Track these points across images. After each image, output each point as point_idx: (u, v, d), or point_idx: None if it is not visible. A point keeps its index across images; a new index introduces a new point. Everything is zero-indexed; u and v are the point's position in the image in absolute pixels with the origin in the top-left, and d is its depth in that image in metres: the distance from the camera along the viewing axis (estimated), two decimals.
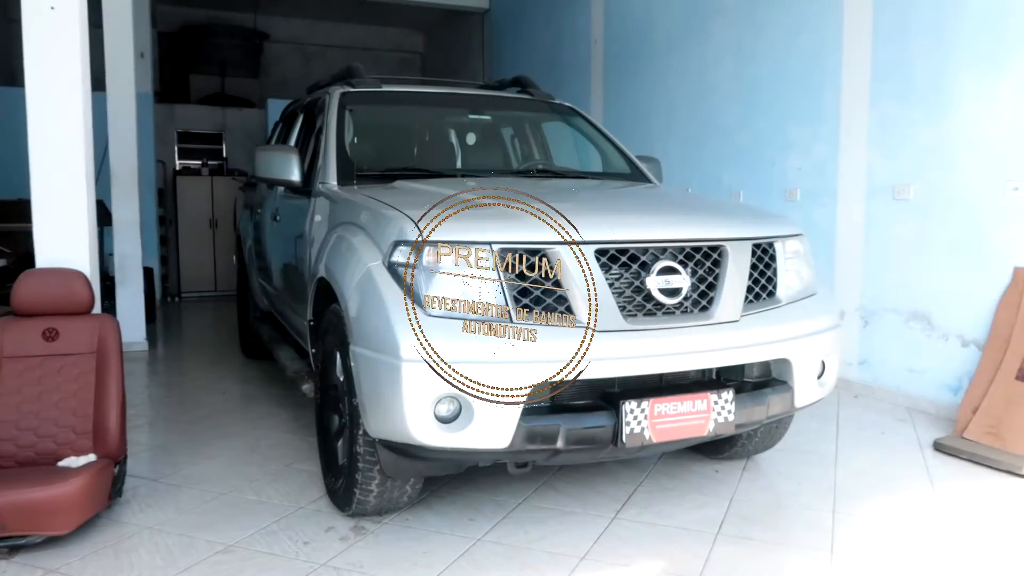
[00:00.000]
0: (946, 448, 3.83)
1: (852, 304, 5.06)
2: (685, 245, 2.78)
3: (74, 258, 3.33)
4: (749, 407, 2.81)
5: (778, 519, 3.03)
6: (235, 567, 2.60)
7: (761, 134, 5.83)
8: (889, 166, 4.78)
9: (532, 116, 4.65)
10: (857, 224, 5.01)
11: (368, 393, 2.59)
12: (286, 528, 2.92)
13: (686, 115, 6.69)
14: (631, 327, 2.62)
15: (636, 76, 7.41)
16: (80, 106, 3.31)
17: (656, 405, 2.61)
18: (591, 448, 2.61)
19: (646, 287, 2.67)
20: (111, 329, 3.24)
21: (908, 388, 4.70)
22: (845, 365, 5.11)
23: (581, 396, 2.67)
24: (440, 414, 2.49)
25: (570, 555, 2.70)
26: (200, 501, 3.19)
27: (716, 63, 6.29)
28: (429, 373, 2.44)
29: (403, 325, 2.49)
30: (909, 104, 4.63)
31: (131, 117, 6.33)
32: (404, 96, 4.16)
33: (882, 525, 2.97)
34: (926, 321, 4.57)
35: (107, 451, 3.10)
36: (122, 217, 6.38)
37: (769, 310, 2.94)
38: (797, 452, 3.83)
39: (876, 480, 3.45)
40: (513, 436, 2.49)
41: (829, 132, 5.21)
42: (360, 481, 2.82)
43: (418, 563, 2.63)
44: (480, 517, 3.02)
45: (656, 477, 3.47)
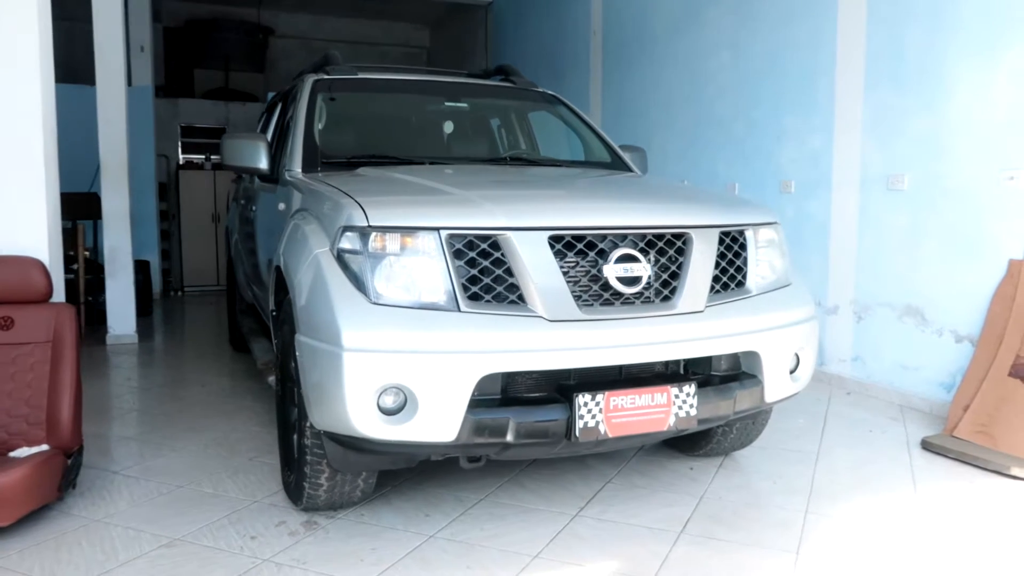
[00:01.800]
0: (934, 447, 3.69)
1: (846, 298, 4.92)
2: (646, 232, 2.67)
3: (33, 246, 3.27)
4: (714, 401, 2.70)
5: (747, 519, 2.91)
6: (175, 562, 2.53)
7: (756, 125, 5.69)
8: (883, 156, 4.63)
9: (514, 105, 4.55)
10: (851, 216, 4.86)
11: (311, 384, 2.50)
12: (237, 522, 2.85)
13: (683, 107, 6.56)
14: (586, 317, 2.52)
15: (634, 68, 7.29)
16: (38, 94, 3.25)
17: (612, 398, 2.51)
18: (544, 443, 2.51)
19: (603, 275, 2.56)
20: (68, 319, 3.18)
21: (901, 385, 4.54)
22: (838, 361, 4.98)
23: (537, 388, 2.57)
24: (384, 406, 2.40)
25: (523, 554, 2.60)
26: (155, 494, 3.13)
27: (712, 53, 6.15)
28: (372, 363, 2.35)
29: (345, 313, 2.40)
30: (903, 92, 4.47)
31: (121, 110, 6.29)
32: (378, 83, 4.08)
33: (855, 527, 2.84)
34: (920, 316, 4.42)
35: (60, 442, 3.04)
36: (112, 209, 6.36)
37: (737, 301, 2.82)
38: (778, 449, 3.71)
39: (856, 480, 3.32)
40: (460, 429, 2.39)
41: (824, 122, 5.06)
42: (309, 475, 2.74)
43: (364, 559, 2.55)
44: (437, 513, 2.93)
45: (628, 474, 3.36)
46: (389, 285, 2.45)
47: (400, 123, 4.17)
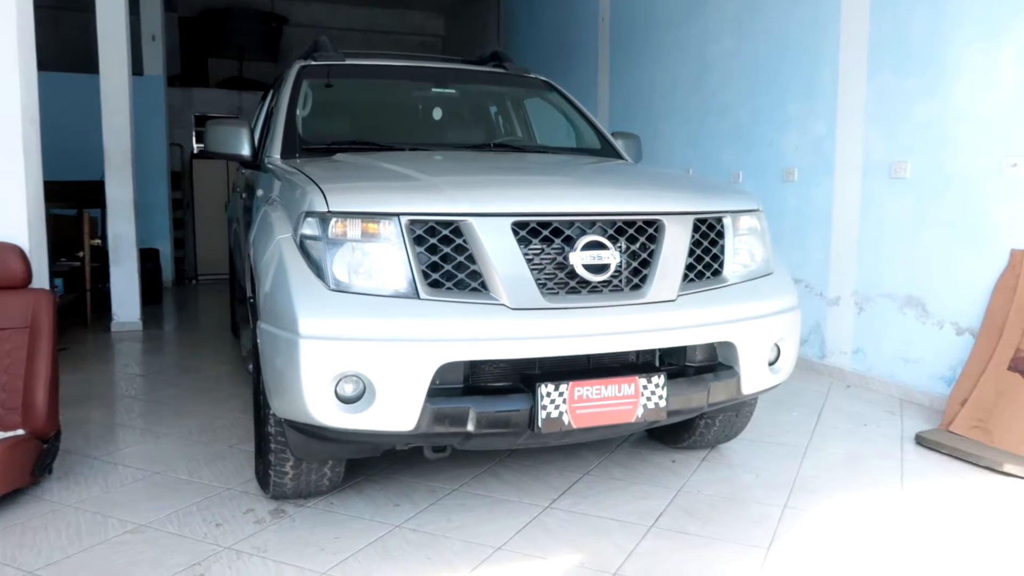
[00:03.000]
0: (928, 442, 3.58)
1: (847, 289, 4.80)
2: (616, 219, 2.60)
3: (12, 232, 3.28)
4: (685, 393, 2.63)
5: (722, 513, 2.84)
6: (136, 548, 2.52)
7: (760, 112, 5.56)
8: (886, 143, 4.50)
9: (506, 91, 4.48)
10: (853, 204, 4.74)
11: (271, 371, 2.48)
12: (205, 509, 2.84)
13: (687, 94, 6.44)
14: (551, 305, 2.46)
15: (640, 54, 7.17)
16: (16, 81, 3.26)
17: (577, 388, 2.45)
18: (508, 433, 2.46)
19: (570, 263, 2.50)
20: (45, 305, 3.19)
21: (902, 378, 4.43)
22: (839, 354, 4.87)
23: (502, 378, 2.53)
24: (342, 394, 2.36)
25: (486, 545, 2.56)
26: (130, 480, 3.13)
27: (716, 39, 6.03)
28: (328, 351, 2.32)
29: (303, 300, 2.37)
30: (907, 77, 4.34)
31: (124, 99, 6.31)
32: (364, 69, 4.03)
33: (832, 523, 2.76)
34: (921, 307, 4.29)
35: (35, 427, 3.05)
36: (115, 198, 6.39)
37: (712, 290, 2.74)
38: (767, 443, 3.63)
39: (842, 475, 3.23)
40: (419, 418, 2.35)
41: (827, 108, 4.93)
42: (274, 463, 2.72)
43: (325, 549, 2.52)
44: (407, 503, 2.90)
45: (608, 466, 3.31)
46: (348, 272, 2.41)
47: (386, 109, 4.13)
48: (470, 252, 2.44)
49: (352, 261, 2.42)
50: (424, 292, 2.40)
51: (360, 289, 2.40)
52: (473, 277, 2.44)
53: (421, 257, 2.43)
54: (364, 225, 2.44)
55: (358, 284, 2.40)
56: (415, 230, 2.43)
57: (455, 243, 2.44)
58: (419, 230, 2.43)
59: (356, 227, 2.44)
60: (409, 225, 2.42)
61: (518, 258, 2.45)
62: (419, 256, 2.42)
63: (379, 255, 2.42)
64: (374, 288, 2.40)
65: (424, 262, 2.43)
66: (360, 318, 2.34)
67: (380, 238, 2.43)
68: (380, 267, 2.42)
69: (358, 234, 2.44)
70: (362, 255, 2.42)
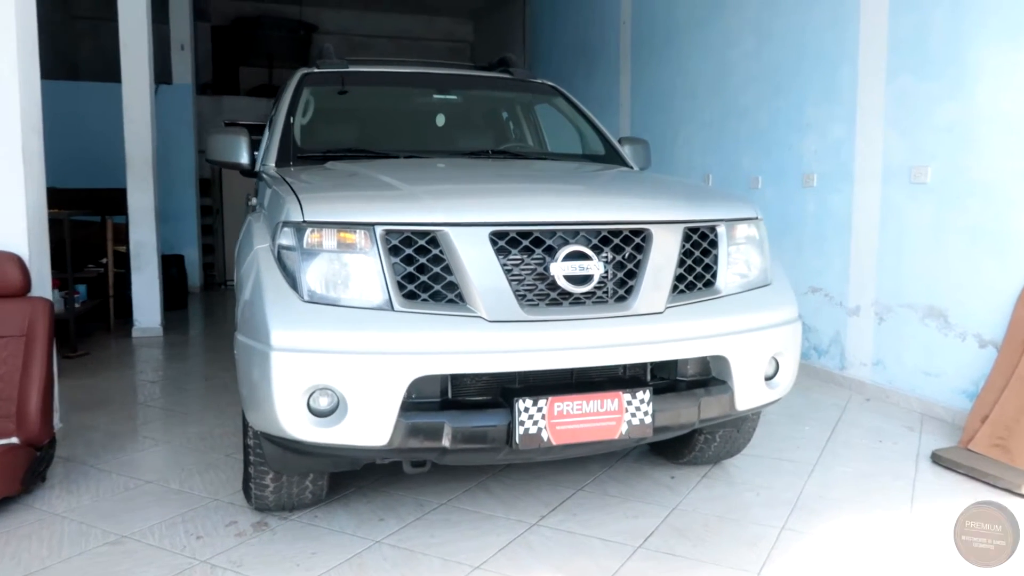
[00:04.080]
0: (944, 461, 3.41)
1: (868, 299, 4.63)
2: (601, 228, 2.52)
3: (11, 241, 3.32)
4: (674, 408, 2.53)
5: (716, 533, 2.73)
6: (114, 559, 2.51)
7: (779, 115, 5.41)
8: (906, 147, 4.33)
9: (512, 97, 4.42)
10: (873, 211, 4.57)
11: (245, 383, 2.44)
12: (189, 520, 2.82)
13: (709, 97, 6.30)
14: (530, 317, 2.39)
15: (661, 57, 7.05)
16: (16, 89, 3.30)
17: (557, 404, 2.37)
18: (485, 449, 2.39)
19: (551, 274, 2.42)
20: (42, 313, 3.21)
21: (923, 392, 4.25)
22: (859, 365, 4.69)
23: (482, 392, 2.46)
24: (315, 407, 2.32)
25: (464, 564, 2.49)
26: (122, 489, 3.14)
27: (736, 41, 5.89)
28: (300, 363, 2.28)
29: (275, 311, 2.33)
30: (927, 79, 4.17)
31: (146, 107, 6.40)
32: (366, 76, 4.00)
33: (830, 547, 2.63)
34: (942, 318, 4.11)
35: (28, 435, 3.07)
36: (137, 205, 6.48)
37: (703, 302, 2.64)
38: (773, 458, 3.50)
39: (848, 494, 3.09)
40: (392, 433, 2.30)
41: (846, 111, 4.77)
42: (254, 475, 2.70)
43: (300, 564, 2.48)
44: (392, 517, 2.85)
45: (603, 481, 3.22)
46: (322, 283, 2.37)
47: (387, 116, 4.10)
48: (447, 263, 2.38)
49: (327, 272, 2.38)
50: (399, 304, 2.34)
51: (334, 301, 2.35)
52: (450, 288, 2.38)
53: (397, 268, 2.37)
54: (339, 235, 2.39)
55: (332, 296, 2.36)
56: (391, 240, 2.38)
57: (431, 253, 2.39)
58: (395, 240, 2.38)
59: (331, 237, 2.39)
60: (384, 235, 2.37)
61: (495, 269, 2.38)
62: (394, 267, 2.37)
63: (354, 266, 2.37)
64: (348, 300, 2.35)
65: (399, 273, 2.37)
66: (332, 330, 2.30)
67: (355, 249, 2.38)
68: (354, 278, 2.37)
69: (333, 244, 2.39)
70: (337, 266, 2.38)
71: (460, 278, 2.37)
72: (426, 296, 2.37)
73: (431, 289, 2.38)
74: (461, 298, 2.38)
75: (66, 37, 11.57)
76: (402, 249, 2.38)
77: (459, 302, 2.38)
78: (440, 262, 2.38)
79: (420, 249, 2.39)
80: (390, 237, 2.38)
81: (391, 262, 2.37)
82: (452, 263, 2.37)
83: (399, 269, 2.38)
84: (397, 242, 2.38)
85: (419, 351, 2.30)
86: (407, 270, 2.38)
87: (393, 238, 2.38)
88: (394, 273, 2.36)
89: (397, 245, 2.38)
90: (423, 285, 2.38)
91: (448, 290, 2.38)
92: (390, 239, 2.38)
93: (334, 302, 2.35)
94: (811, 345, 5.14)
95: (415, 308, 2.35)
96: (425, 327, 2.32)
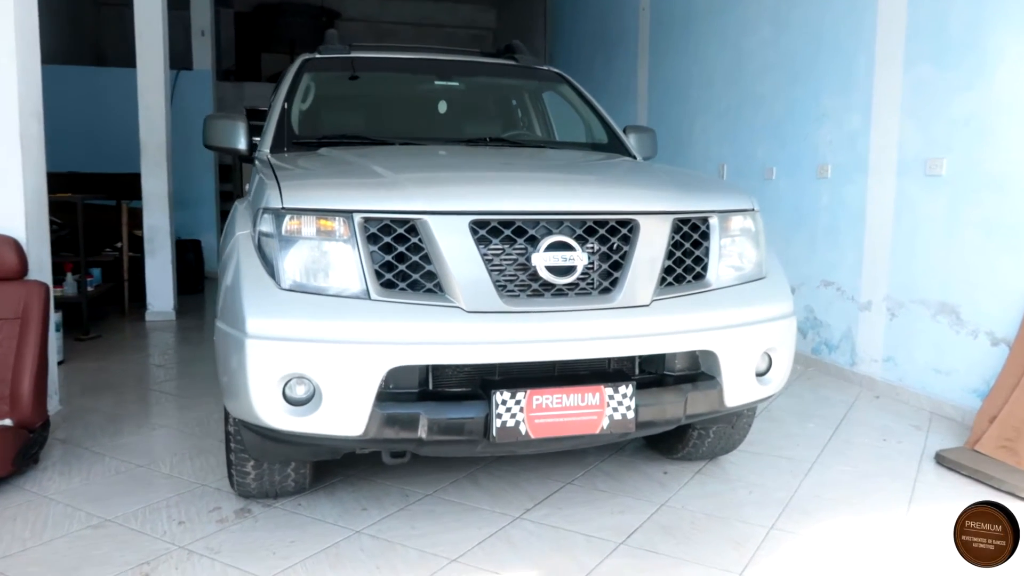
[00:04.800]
0: (948, 461, 3.31)
1: (880, 294, 4.51)
2: (586, 218, 2.46)
3: (8, 224, 3.35)
4: (658, 404, 2.48)
5: (702, 531, 2.67)
6: (93, 543, 2.52)
7: (795, 105, 5.28)
8: (922, 138, 4.19)
9: (515, 83, 4.35)
10: (887, 203, 4.44)
11: (223, 370, 2.43)
12: (174, 505, 2.83)
13: (725, 87, 6.18)
14: (509, 308, 2.34)
15: (679, 45, 6.93)
16: (14, 76, 3.31)
17: (536, 397, 2.33)
18: (463, 441, 2.35)
19: (532, 264, 2.38)
20: (37, 296, 3.24)
21: (933, 390, 4.13)
22: (869, 362, 4.58)
23: (463, 384, 2.42)
24: (292, 396, 2.30)
25: (441, 556, 2.46)
26: (113, 472, 3.16)
27: (753, 28, 5.76)
28: (275, 352, 2.26)
29: (251, 299, 2.31)
30: (945, 68, 4.03)
31: (160, 93, 6.44)
32: (366, 62, 3.96)
33: (817, 548, 2.56)
34: (954, 315, 3.99)
35: (21, 417, 3.11)
36: (151, 190, 6.54)
37: (692, 295, 2.57)
38: (771, 456, 3.42)
39: (844, 495, 3.01)
40: (367, 423, 2.27)
41: (862, 101, 4.64)
42: (235, 463, 2.69)
43: (276, 553, 2.47)
44: (375, 507, 2.83)
45: (594, 475, 3.17)
46: (300, 270, 2.34)
47: (386, 102, 4.06)
48: (426, 252, 2.34)
49: (304, 259, 2.35)
50: (376, 293, 2.31)
51: (311, 288, 2.33)
52: (428, 278, 2.35)
53: (375, 256, 2.34)
54: (318, 222, 2.36)
55: (309, 283, 2.34)
56: (369, 228, 2.35)
57: (410, 242, 2.35)
58: (373, 228, 2.35)
59: (310, 224, 2.37)
60: (363, 223, 2.34)
61: (475, 258, 2.34)
62: (373, 255, 2.34)
63: (332, 254, 2.35)
64: (325, 288, 2.33)
65: (378, 261, 2.34)
66: (307, 319, 2.27)
67: (333, 236, 2.35)
68: (332, 266, 2.34)
69: (312, 232, 2.37)
70: (315, 253, 2.35)
71: (439, 267, 2.33)
72: (404, 285, 2.34)
73: (410, 278, 2.34)
74: (440, 288, 2.34)
75: (92, 23, 11.71)
76: (381, 237, 2.35)
77: (437, 292, 2.34)
78: (419, 251, 2.35)
79: (399, 237, 2.35)
80: (369, 225, 2.35)
81: (369, 250, 2.33)
82: (431, 252, 2.34)
83: (378, 257, 2.34)
84: (376, 230, 2.35)
85: (395, 341, 2.27)
86: (385, 258, 2.34)
87: (372, 226, 2.35)
88: (372, 261, 2.33)
89: (376, 233, 2.35)
90: (402, 274, 2.35)
91: (427, 280, 2.35)
92: (369, 227, 2.35)
93: (311, 290, 2.33)
94: (822, 340, 5.03)
95: (392, 297, 2.32)
96: (401, 317, 2.29)
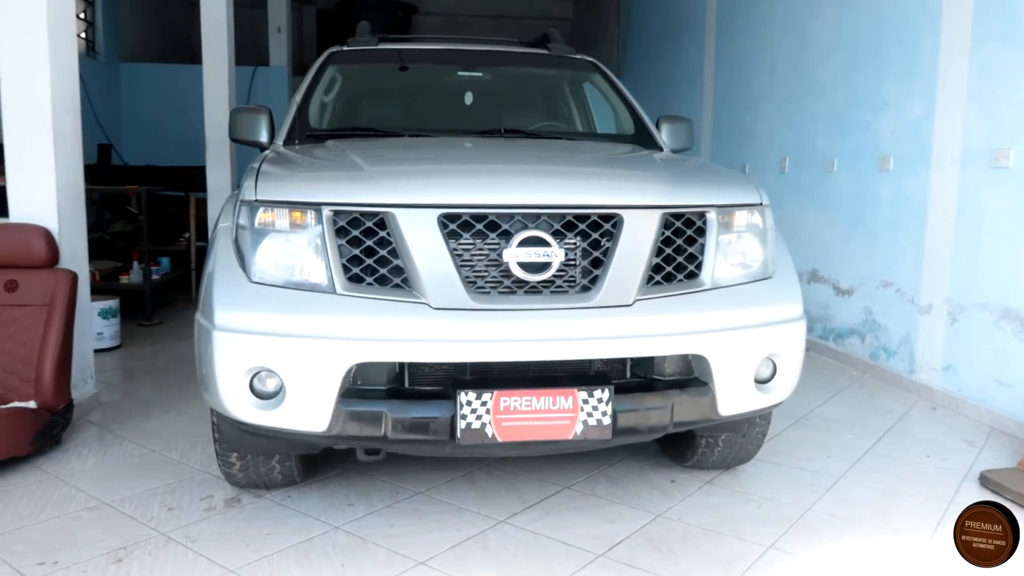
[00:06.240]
0: (992, 483, 3.01)
1: (940, 296, 4.15)
2: (565, 212, 2.34)
3: (41, 214, 3.50)
4: (640, 410, 2.34)
5: (692, 547, 2.51)
6: (83, 525, 2.60)
7: (857, 92, 4.94)
8: (988, 126, 3.82)
9: (550, 73, 4.23)
10: (950, 198, 4.08)
11: (198, 362, 2.45)
12: (170, 492, 2.88)
13: (787, 73, 5.85)
14: (478, 306, 2.26)
15: (744, 31, 6.61)
16: (47, 72, 3.44)
17: (503, 398, 2.24)
18: (429, 441, 2.28)
19: (504, 260, 2.28)
20: (64, 284, 3.37)
21: (994, 403, 3.77)
22: (928, 370, 4.23)
23: (435, 382, 2.36)
24: (260, 389, 2.30)
25: (409, 558, 2.40)
26: (126, 456, 3.25)
27: (816, 11, 5.42)
28: (241, 344, 2.26)
29: (221, 292, 2.32)
30: (1015, 47, 3.65)
31: (224, 87, 6.63)
32: (391, 54, 3.93)
33: (815, 573, 2.35)
34: (1018, 321, 3.63)
35: (43, 400, 3.24)
36: (214, 184, 6.75)
37: (681, 295, 2.42)
38: (794, 468, 3.20)
39: (863, 515, 2.77)
40: (331, 419, 2.24)
41: (926, 87, 4.28)
42: (219, 453, 2.72)
43: (250, 545, 2.47)
44: (362, 503, 2.80)
45: (596, 480, 3.04)
46: (268, 263, 2.33)
47: (409, 94, 4.02)
48: (394, 246, 2.28)
49: (274, 252, 2.34)
50: (341, 287, 2.27)
51: (278, 281, 2.32)
52: (396, 273, 2.29)
53: (343, 250, 2.30)
54: (290, 215, 2.34)
55: (277, 276, 2.32)
56: (338, 221, 2.30)
57: (379, 236, 2.29)
58: (342, 221, 2.31)
59: (283, 217, 2.35)
60: (332, 216, 2.30)
61: (443, 253, 2.26)
62: (341, 249, 2.30)
63: (300, 247, 2.32)
64: (292, 281, 2.31)
65: (346, 255, 2.30)
66: (272, 312, 2.26)
67: (302, 229, 2.33)
68: (300, 259, 2.32)
69: (285, 224, 2.35)
70: (283, 246, 2.33)
71: (406, 262, 2.27)
72: (372, 280, 2.29)
73: (376, 273, 2.29)
74: (407, 283, 2.28)
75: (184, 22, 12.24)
76: (350, 231, 2.31)
77: (405, 287, 2.28)
78: (387, 245, 2.29)
79: (368, 231, 2.30)
80: (338, 218, 2.31)
81: (337, 244, 2.30)
82: (398, 246, 2.28)
83: (346, 251, 2.30)
84: (345, 223, 2.31)
85: (359, 337, 2.22)
86: (353, 252, 2.30)
87: (341, 219, 2.31)
88: (339, 255, 2.29)
89: (345, 227, 2.31)
90: (369, 269, 2.30)
91: (395, 275, 2.29)
92: (338, 220, 2.31)
93: (278, 283, 2.31)
94: (880, 345, 4.68)
95: (358, 292, 2.27)
96: (366, 312, 2.24)
